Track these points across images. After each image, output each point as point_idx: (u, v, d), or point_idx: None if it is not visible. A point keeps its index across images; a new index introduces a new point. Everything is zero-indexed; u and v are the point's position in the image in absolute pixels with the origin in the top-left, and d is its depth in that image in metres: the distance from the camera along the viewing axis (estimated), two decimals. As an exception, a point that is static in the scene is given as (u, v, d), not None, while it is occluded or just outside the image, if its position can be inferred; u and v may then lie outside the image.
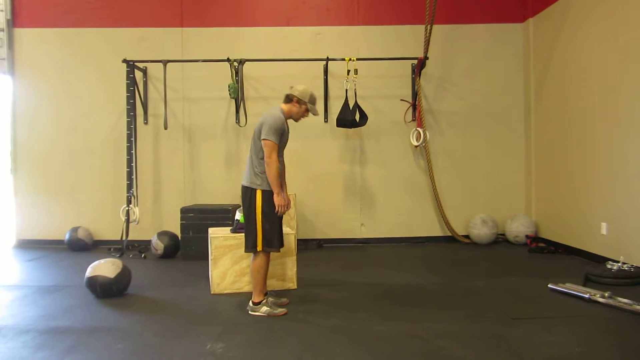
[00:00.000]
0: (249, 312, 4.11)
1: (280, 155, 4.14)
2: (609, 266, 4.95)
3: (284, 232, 4.89)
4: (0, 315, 4.12)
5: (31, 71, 7.45)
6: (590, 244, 5.97)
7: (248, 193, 4.11)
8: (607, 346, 3.34)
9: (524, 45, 7.47)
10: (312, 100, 4.25)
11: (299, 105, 4.20)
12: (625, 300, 4.10)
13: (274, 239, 4.11)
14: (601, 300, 4.18)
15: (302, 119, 4.32)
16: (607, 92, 5.61)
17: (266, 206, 4.05)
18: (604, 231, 5.68)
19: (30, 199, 7.44)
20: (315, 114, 4.33)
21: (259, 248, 4.06)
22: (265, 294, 4.19)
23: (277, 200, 4.00)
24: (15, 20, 7.43)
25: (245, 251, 4.18)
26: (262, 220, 4.04)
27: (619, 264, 4.93)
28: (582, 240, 6.15)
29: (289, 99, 4.21)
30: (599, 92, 5.75)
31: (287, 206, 4.07)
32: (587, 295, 4.28)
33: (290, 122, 4.30)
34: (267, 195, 4.05)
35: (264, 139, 4.00)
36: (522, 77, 7.50)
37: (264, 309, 4.07)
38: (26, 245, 7.36)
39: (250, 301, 4.14)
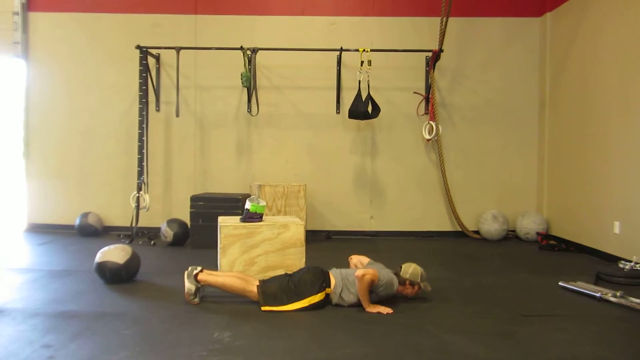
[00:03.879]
0: (185, 272, 4.07)
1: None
2: (621, 265, 4.89)
3: (294, 222, 4.89)
4: (10, 298, 4.15)
5: (45, 55, 7.47)
6: (602, 242, 5.90)
7: (318, 279, 4.02)
8: (617, 346, 3.30)
9: (540, 40, 7.36)
10: (424, 279, 4.13)
11: (412, 287, 4.10)
12: (637, 300, 4.04)
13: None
14: (613, 299, 4.13)
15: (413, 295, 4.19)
16: (626, 89, 5.52)
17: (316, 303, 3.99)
18: (616, 230, 5.62)
19: (42, 184, 7.49)
20: (428, 289, 4.16)
21: (263, 308, 3.93)
22: (200, 286, 4.07)
23: (370, 310, 3.90)
24: (30, 4, 7.44)
25: (260, 286, 4.05)
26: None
27: (632, 264, 4.87)
28: (594, 238, 6.08)
29: (401, 281, 4.09)
30: (617, 88, 5.66)
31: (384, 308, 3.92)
32: (598, 294, 4.23)
33: (301, 112, 4.24)
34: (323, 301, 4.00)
35: (374, 269, 3.94)
36: (538, 72, 7.40)
37: (190, 286, 4.01)
38: (37, 230, 7.41)
39: (196, 271, 4.07)
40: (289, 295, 3.94)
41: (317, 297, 3.95)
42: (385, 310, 3.89)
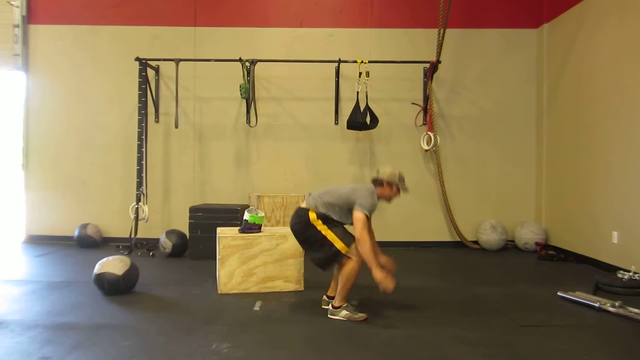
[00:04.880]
0: (329, 315, 4.05)
1: (369, 227, 4.10)
2: (619, 275, 4.88)
3: (291, 233, 4.89)
4: (8, 310, 4.14)
5: (45, 67, 7.51)
6: (601, 252, 5.91)
7: (302, 214, 4.07)
8: (617, 356, 3.30)
9: (537, 51, 7.41)
10: (402, 179, 4.23)
11: (390, 188, 4.19)
12: (636, 310, 4.05)
13: (349, 239, 4.03)
14: (611, 309, 4.13)
15: (394, 198, 4.27)
16: (622, 100, 5.55)
17: (322, 220, 4.02)
18: (615, 240, 5.62)
19: (41, 195, 7.49)
20: (406, 191, 4.28)
21: (344, 250, 3.97)
22: (345, 305, 4.05)
23: (376, 275, 3.84)
24: (30, 16, 7.49)
25: (330, 266, 4.11)
26: (326, 228, 4.01)
27: (630, 274, 4.84)
28: (592, 248, 6.08)
29: (378, 182, 4.18)
30: (614, 99, 5.70)
31: (390, 279, 3.88)
32: (597, 304, 4.24)
33: (300, 123, 4.28)
34: (321, 216, 4.04)
35: (358, 210, 3.95)
36: (535, 83, 7.45)
37: (344, 312, 3.99)
38: (36, 241, 7.41)
39: (331, 305, 4.08)
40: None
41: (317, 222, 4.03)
42: (390, 282, 3.84)
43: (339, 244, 3.98)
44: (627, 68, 5.49)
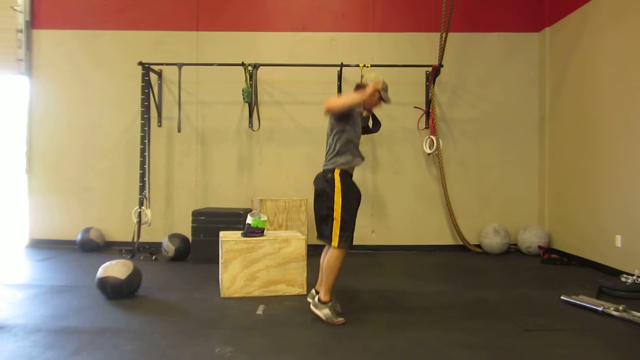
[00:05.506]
0: (311, 306, 4.05)
1: (357, 146, 4.10)
2: (623, 279, 4.87)
3: (295, 237, 4.89)
4: (11, 314, 4.15)
5: (48, 72, 7.54)
6: (604, 256, 5.89)
7: (323, 177, 4.08)
8: (620, 360, 3.29)
9: (539, 54, 7.42)
10: (385, 88, 4.11)
11: (371, 94, 4.07)
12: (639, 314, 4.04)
13: (351, 233, 4.00)
14: (615, 313, 4.12)
15: (374, 108, 4.21)
16: (625, 103, 5.55)
17: (345, 190, 3.95)
18: (618, 244, 5.61)
19: (44, 199, 7.51)
20: (388, 101, 4.17)
21: (335, 244, 3.96)
22: (329, 302, 4.03)
23: (367, 90, 3.89)
24: (33, 21, 7.53)
25: (319, 238, 4.10)
26: (341, 208, 3.94)
27: (634, 277, 4.85)
28: (596, 252, 6.07)
29: (361, 87, 4.09)
30: (617, 102, 5.70)
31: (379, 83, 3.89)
32: (600, 308, 4.22)
33: (302, 127, 4.28)
34: (346, 177, 3.98)
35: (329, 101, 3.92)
36: (537, 86, 7.45)
37: (326, 311, 3.97)
38: (39, 245, 7.42)
39: (317, 297, 4.06)
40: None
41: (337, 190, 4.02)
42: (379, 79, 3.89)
43: (335, 234, 3.95)
44: (629, 71, 5.49)
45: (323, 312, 3.98)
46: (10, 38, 7.45)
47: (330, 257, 4.04)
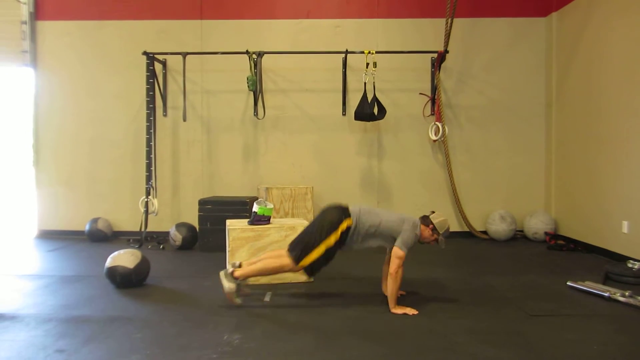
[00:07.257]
0: (220, 272, 4.08)
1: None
2: (629, 265, 4.88)
3: (301, 224, 4.91)
4: (22, 304, 4.20)
5: (53, 63, 7.54)
6: (610, 242, 5.89)
7: (338, 213, 4.05)
8: (626, 345, 3.30)
9: (546, 40, 7.36)
10: (446, 234, 4.23)
11: (432, 234, 4.17)
12: (646, 299, 4.05)
13: (316, 270, 4.06)
14: (621, 299, 4.13)
15: (428, 243, 4.27)
16: (632, 88, 5.51)
17: (337, 240, 3.99)
18: (625, 229, 5.60)
19: (52, 191, 7.56)
20: (442, 244, 4.26)
21: (300, 265, 4.00)
22: (240, 283, 4.06)
23: (396, 311, 3.92)
24: (38, 12, 7.52)
25: (289, 251, 4.06)
26: (325, 249, 3.98)
27: (640, 263, 4.86)
28: (602, 238, 6.06)
29: (426, 222, 4.16)
30: (625, 88, 5.65)
31: (409, 308, 3.94)
32: (606, 294, 4.23)
33: (307, 115, 4.27)
34: (345, 234, 4.01)
35: (399, 247, 3.96)
36: (544, 72, 7.39)
37: (231, 285, 3.99)
38: (47, 236, 7.49)
39: (234, 270, 4.07)
40: (314, 237, 3.98)
41: (339, 230, 3.98)
42: (411, 311, 3.89)
43: (306, 260, 3.97)
44: (636, 56, 5.44)
45: (226, 285, 4.00)
46: (15, 30, 7.46)
47: (279, 256, 4.07)
